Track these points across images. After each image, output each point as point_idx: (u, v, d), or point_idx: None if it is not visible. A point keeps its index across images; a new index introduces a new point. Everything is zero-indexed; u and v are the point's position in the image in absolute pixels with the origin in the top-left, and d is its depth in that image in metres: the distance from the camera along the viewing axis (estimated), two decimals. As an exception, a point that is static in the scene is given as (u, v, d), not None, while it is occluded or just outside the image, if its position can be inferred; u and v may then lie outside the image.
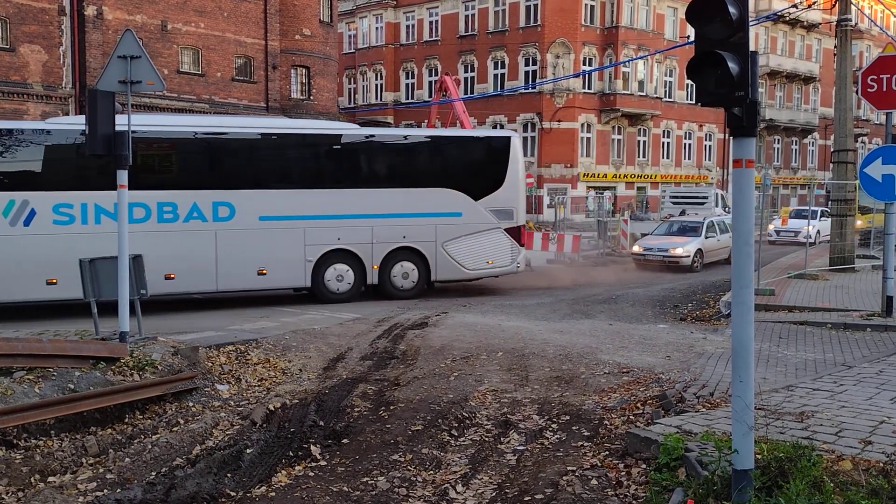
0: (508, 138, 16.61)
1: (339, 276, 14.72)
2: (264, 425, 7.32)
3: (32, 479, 6.26)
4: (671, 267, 20.86)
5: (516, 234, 16.06)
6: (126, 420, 7.64)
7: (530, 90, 40.72)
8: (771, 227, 31.33)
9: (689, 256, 20.94)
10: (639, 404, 7.41)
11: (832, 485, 4.65)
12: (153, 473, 6.23)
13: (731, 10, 4.31)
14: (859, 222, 20.51)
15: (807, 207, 30.92)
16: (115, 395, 7.66)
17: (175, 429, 7.35)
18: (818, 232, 28.49)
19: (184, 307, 13.87)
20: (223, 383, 8.73)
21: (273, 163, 14.91)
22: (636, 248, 22.28)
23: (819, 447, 5.32)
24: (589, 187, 42.21)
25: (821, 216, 29.55)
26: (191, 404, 8.04)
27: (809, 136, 56.18)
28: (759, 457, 4.82)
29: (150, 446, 6.82)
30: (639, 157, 44.64)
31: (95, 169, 12.63)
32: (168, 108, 28.44)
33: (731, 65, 4.29)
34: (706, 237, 21.60)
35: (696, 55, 4.48)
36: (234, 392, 8.55)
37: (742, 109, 4.43)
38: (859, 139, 51.20)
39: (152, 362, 8.61)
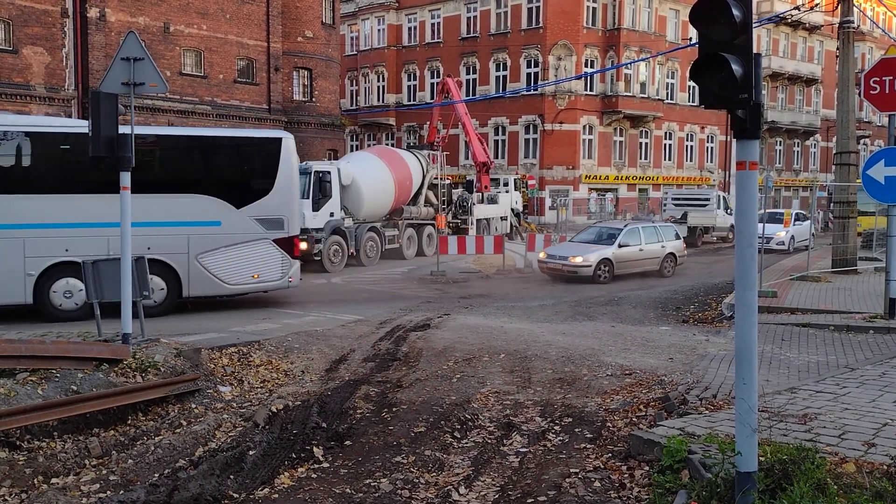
0: (279, 140, 14.65)
1: (68, 293, 12.87)
2: (267, 427, 7.32)
3: (35, 481, 6.27)
4: (571, 277, 18.98)
5: (288, 245, 14.38)
6: (129, 421, 7.65)
7: (532, 92, 40.73)
8: None
9: (589, 266, 18.83)
10: (641, 406, 7.40)
11: (836, 487, 4.65)
12: (156, 475, 6.24)
13: (735, 12, 4.31)
14: None
15: (781, 210, 29.83)
16: (117, 396, 7.68)
17: (178, 430, 7.36)
18: (792, 238, 27.05)
19: (186, 309, 13.86)
20: (226, 385, 8.73)
21: None
22: (541, 255, 20.31)
23: (822, 450, 5.32)
24: (591, 189, 42.23)
25: (795, 220, 27.75)
26: (193, 406, 8.04)
27: (811, 138, 56.16)
28: (762, 459, 4.82)
29: (152, 448, 6.82)
30: (640, 158, 44.64)
31: None
32: (170, 110, 28.48)
33: (734, 67, 4.29)
34: (620, 246, 19.52)
35: (699, 57, 4.48)
36: (237, 394, 8.56)
37: (746, 112, 4.43)
38: (861, 141, 51.17)
39: (155, 364, 8.62)
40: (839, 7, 17.61)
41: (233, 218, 13.81)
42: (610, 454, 6.18)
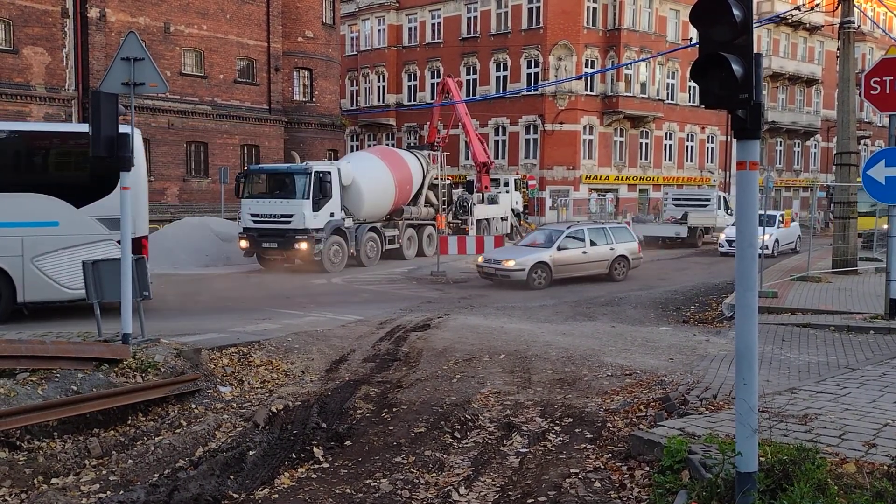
0: (125, 136, 14.17)
1: None
2: (267, 427, 7.32)
3: (35, 481, 6.26)
4: (504, 282, 18.18)
5: (135, 247, 12.72)
6: (129, 422, 7.65)
7: (532, 92, 40.71)
8: (722, 236, 28.15)
9: (522, 270, 17.82)
10: (642, 406, 7.40)
11: (836, 488, 4.64)
12: (156, 475, 6.23)
13: (736, 12, 4.31)
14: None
15: (773, 212, 29.16)
16: (117, 396, 7.67)
17: (178, 430, 7.35)
18: (776, 241, 26.29)
19: (186, 309, 13.87)
20: (226, 385, 8.73)
21: None
22: (480, 259, 19.41)
23: (823, 450, 5.32)
24: (591, 189, 42.22)
25: (780, 223, 27.03)
26: (193, 406, 8.04)
27: (812, 139, 56.13)
28: (762, 459, 4.82)
29: (152, 448, 6.82)
30: (641, 159, 44.62)
31: None
32: (171, 111, 28.51)
33: (735, 67, 4.28)
34: (559, 248, 18.47)
35: (700, 57, 4.48)
36: (237, 394, 8.55)
37: (746, 112, 4.43)
38: (862, 141, 51.14)
39: (155, 364, 8.61)
40: (840, 7, 17.61)
41: (72, 218, 12.72)
42: (610, 454, 6.18)
